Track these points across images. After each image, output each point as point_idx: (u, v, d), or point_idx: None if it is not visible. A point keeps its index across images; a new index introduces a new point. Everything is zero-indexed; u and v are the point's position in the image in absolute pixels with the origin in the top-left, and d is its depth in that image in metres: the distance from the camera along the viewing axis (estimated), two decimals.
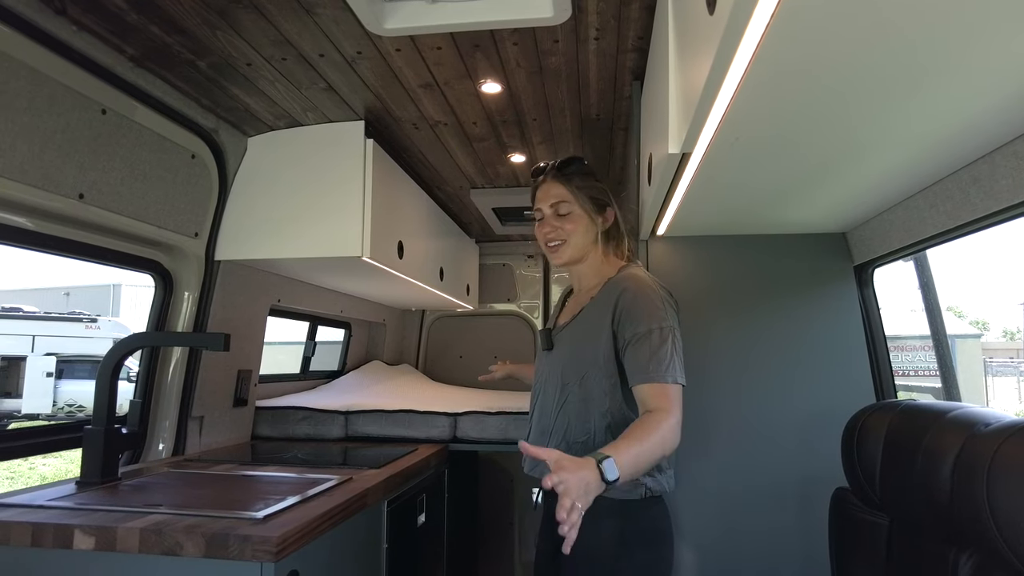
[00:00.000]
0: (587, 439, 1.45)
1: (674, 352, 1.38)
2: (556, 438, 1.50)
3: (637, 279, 1.48)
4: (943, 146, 1.22)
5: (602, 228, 1.59)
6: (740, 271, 2.06)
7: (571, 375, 1.49)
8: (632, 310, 1.42)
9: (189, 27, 1.58)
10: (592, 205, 1.58)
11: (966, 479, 1.01)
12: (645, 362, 1.37)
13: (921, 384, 13.25)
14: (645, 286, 1.46)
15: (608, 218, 1.60)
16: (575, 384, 1.48)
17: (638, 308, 1.42)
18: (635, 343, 1.40)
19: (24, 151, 1.47)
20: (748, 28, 0.79)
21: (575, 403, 1.47)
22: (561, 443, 1.48)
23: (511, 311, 4.07)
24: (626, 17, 1.58)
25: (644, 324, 1.40)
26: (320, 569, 1.49)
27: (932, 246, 1.67)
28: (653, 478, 1.43)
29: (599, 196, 1.59)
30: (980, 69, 0.90)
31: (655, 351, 1.37)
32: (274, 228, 2.19)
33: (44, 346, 12.64)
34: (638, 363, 1.38)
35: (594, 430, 1.45)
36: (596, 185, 1.60)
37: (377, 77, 1.89)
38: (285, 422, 2.68)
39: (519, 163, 2.67)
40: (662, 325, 1.39)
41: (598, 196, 1.59)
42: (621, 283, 1.48)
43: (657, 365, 1.36)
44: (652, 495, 1.43)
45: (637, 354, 1.39)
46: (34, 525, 1.35)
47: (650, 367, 1.36)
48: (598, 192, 1.59)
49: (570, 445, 1.45)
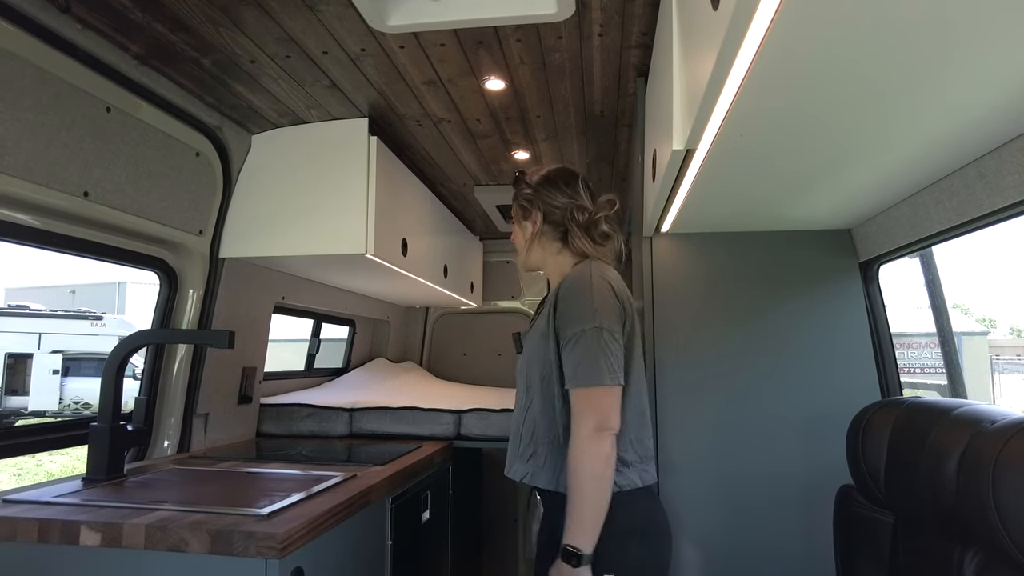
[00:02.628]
0: (552, 438, 1.45)
1: (599, 353, 1.36)
2: (525, 438, 1.51)
3: (575, 278, 1.46)
4: (949, 141, 1.21)
5: (533, 230, 1.59)
6: (744, 268, 2.05)
7: (533, 377, 1.50)
8: (563, 311, 1.42)
9: (193, 25, 1.58)
10: (520, 212, 1.62)
11: (972, 476, 1.01)
12: (573, 367, 1.38)
13: (927, 381, 13.21)
14: (579, 284, 1.44)
15: (534, 219, 1.59)
16: (536, 386, 1.49)
17: (567, 309, 1.42)
18: (564, 347, 1.40)
19: (29, 149, 1.48)
20: (752, 23, 0.78)
21: (538, 405, 1.48)
22: (530, 443, 1.48)
23: (515, 308, 4.06)
24: (630, 13, 1.57)
25: (572, 326, 1.39)
26: (324, 565, 1.50)
27: (938, 243, 1.66)
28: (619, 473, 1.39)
29: (524, 202, 1.61)
30: (987, 64, 0.90)
31: (580, 354, 1.37)
32: (278, 225, 2.19)
33: (50, 344, 12.71)
34: (567, 367, 1.39)
35: (560, 430, 1.44)
36: (523, 192, 1.61)
37: (381, 74, 1.89)
38: (290, 419, 2.69)
39: (523, 160, 2.67)
40: (585, 327, 1.38)
41: (523, 202, 1.61)
42: (563, 283, 1.48)
43: (576, 370, 1.36)
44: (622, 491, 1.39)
45: (567, 358, 1.39)
46: (40, 521, 1.36)
47: (574, 372, 1.37)
48: (524, 199, 1.61)
49: (538, 445, 1.47)
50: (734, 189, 1.58)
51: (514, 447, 1.54)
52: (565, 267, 1.57)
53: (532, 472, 1.47)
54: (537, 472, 1.46)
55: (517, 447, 1.52)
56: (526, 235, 1.63)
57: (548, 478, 1.44)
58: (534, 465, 1.47)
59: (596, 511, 1.32)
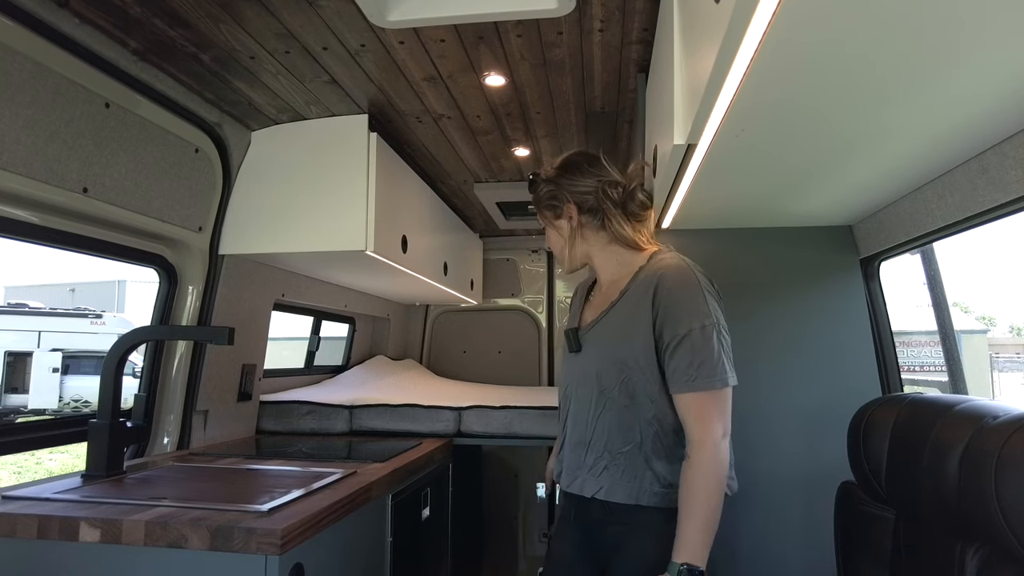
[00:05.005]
0: (631, 448, 1.34)
1: (721, 351, 1.29)
2: (596, 450, 1.38)
3: (674, 269, 1.35)
4: (952, 136, 1.21)
5: (571, 227, 1.48)
6: (745, 264, 2.05)
7: (610, 379, 1.36)
8: (671, 307, 1.31)
9: (192, 20, 1.58)
10: (550, 213, 1.51)
11: (974, 472, 1.00)
12: (684, 367, 1.28)
13: (927, 378, 13.21)
14: (683, 278, 1.33)
15: (570, 214, 1.48)
16: (615, 389, 1.36)
17: (676, 305, 1.30)
18: (675, 346, 1.29)
19: (28, 145, 1.47)
20: (754, 17, 0.78)
21: (616, 410, 1.36)
22: (603, 455, 1.37)
23: (515, 306, 4.06)
24: (630, 8, 1.57)
25: (684, 324, 1.29)
26: (324, 562, 1.49)
27: (939, 239, 1.66)
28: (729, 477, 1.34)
29: (551, 200, 1.50)
30: (990, 58, 0.89)
31: (696, 354, 1.27)
32: (278, 222, 2.19)
33: (50, 342, 12.72)
34: (678, 368, 1.29)
35: (640, 439, 1.34)
36: (545, 191, 1.51)
37: (380, 70, 1.88)
38: (289, 416, 2.69)
39: (523, 157, 2.66)
40: (704, 323, 1.28)
41: (550, 201, 1.50)
42: (655, 274, 1.35)
43: (697, 370, 1.27)
44: None
45: (678, 358, 1.29)
46: (40, 517, 1.35)
47: (689, 373, 1.27)
48: (549, 197, 1.50)
49: (613, 456, 1.36)
50: (735, 185, 1.57)
51: (578, 459, 1.42)
52: (627, 257, 1.45)
53: (607, 487, 1.36)
54: (614, 486, 1.35)
55: (582, 459, 1.40)
56: (564, 234, 1.49)
57: (627, 492, 1.34)
58: (609, 479, 1.36)
59: (716, 523, 1.24)
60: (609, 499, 1.36)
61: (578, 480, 1.41)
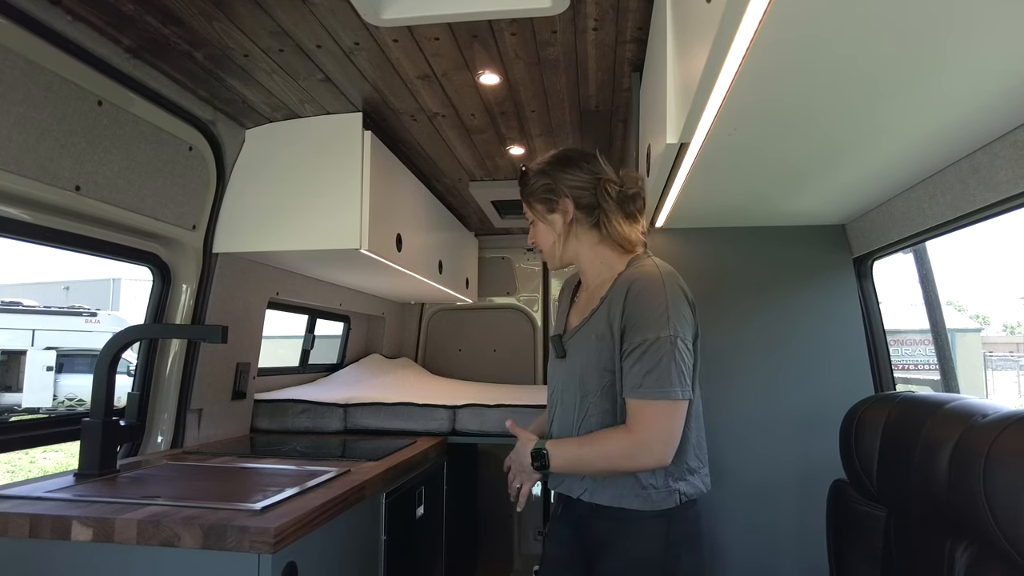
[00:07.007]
0: None
1: (673, 364, 1.28)
2: None
3: (644, 278, 1.35)
4: (943, 136, 1.21)
5: (564, 222, 1.45)
6: (738, 263, 2.05)
7: (592, 384, 1.38)
8: (633, 315, 1.32)
9: (185, 18, 1.57)
10: (543, 206, 1.48)
11: (963, 470, 1.01)
12: (635, 374, 1.30)
13: (920, 377, 13.27)
14: (650, 286, 1.33)
15: (565, 209, 1.44)
16: (596, 394, 1.38)
17: (637, 314, 1.31)
18: (629, 352, 1.31)
19: (20, 143, 1.47)
20: (745, 16, 0.78)
21: (598, 415, 1.38)
22: None
23: (510, 304, 4.06)
24: (624, 7, 1.57)
25: (641, 333, 1.30)
26: (318, 561, 1.49)
27: (932, 238, 1.67)
28: (686, 481, 1.36)
29: (545, 194, 1.46)
30: (980, 58, 0.90)
31: (646, 363, 1.29)
32: (272, 221, 2.19)
33: (44, 340, 12.65)
34: (628, 374, 1.31)
35: None
36: (542, 183, 1.47)
37: (375, 68, 1.88)
38: (284, 415, 2.68)
39: (518, 155, 2.66)
40: (660, 334, 1.28)
41: (544, 194, 1.46)
42: (628, 281, 1.36)
43: (643, 379, 1.29)
44: (688, 499, 1.37)
45: (629, 365, 1.31)
46: (32, 516, 1.35)
47: (638, 380, 1.29)
48: (544, 190, 1.46)
49: None
50: (728, 184, 1.58)
51: None
52: (612, 260, 1.45)
53: (592, 488, 1.38)
54: (598, 488, 1.37)
55: None
56: (557, 229, 1.47)
57: (611, 495, 1.36)
58: (593, 481, 1.38)
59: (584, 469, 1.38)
60: (593, 500, 1.38)
61: (566, 482, 1.44)
